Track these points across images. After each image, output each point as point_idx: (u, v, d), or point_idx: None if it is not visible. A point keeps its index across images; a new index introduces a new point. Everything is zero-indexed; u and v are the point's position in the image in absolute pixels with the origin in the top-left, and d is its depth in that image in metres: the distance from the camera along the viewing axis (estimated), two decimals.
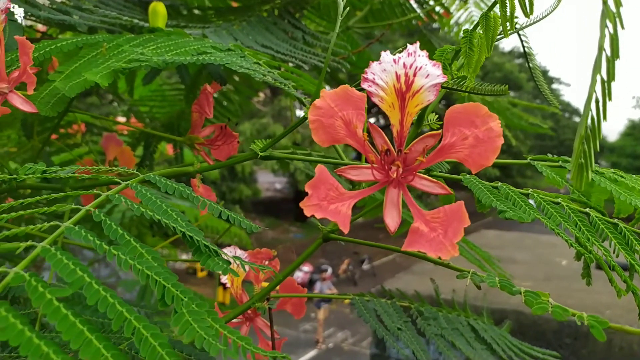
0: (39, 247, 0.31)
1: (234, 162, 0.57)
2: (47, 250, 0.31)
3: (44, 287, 0.28)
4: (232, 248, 0.64)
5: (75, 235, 0.33)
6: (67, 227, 0.33)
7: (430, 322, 0.75)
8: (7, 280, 0.28)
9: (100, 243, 0.33)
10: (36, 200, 0.39)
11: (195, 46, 0.59)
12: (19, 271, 0.29)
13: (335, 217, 0.34)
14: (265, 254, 0.66)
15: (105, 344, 0.27)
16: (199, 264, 0.39)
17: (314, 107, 0.36)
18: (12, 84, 0.50)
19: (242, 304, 0.61)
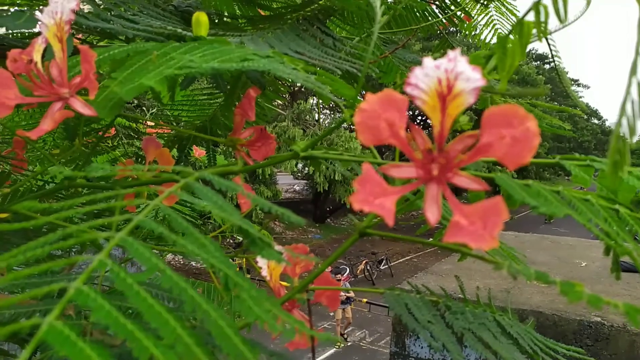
0: (117, 237, 0.35)
1: (275, 162, 0.60)
2: (125, 239, 0.34)
3: (124, 272, 0.32)
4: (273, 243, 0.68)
5: (148, 225, 0.36)
6: (140, 220, 0.36)
7: (458, 316, 0.78)
8: (93, 266, 0.32)
9: (170, 234, 0.36)
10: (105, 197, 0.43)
11: (238, 53, 0.63)
12: (102, 258, 0.33)
13: (380, 211, 0.37)
14: (301, 249, 0.69)
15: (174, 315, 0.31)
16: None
17: (360, 110, 0.39)
18: (73, 89, 0.54)
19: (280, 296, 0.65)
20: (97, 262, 0.32)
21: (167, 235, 0.35)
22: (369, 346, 8.78)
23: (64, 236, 0.33)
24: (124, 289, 0.30)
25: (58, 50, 0.53)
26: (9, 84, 0.52)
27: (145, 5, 1.06)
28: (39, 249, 0.32)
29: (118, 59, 0.63)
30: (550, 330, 2.79)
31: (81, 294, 0.29)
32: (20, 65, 0.54)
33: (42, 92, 0.54)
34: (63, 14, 0.51)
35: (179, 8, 1.11)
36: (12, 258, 0.32)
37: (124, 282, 0.31)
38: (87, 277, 0.30)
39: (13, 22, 0.71)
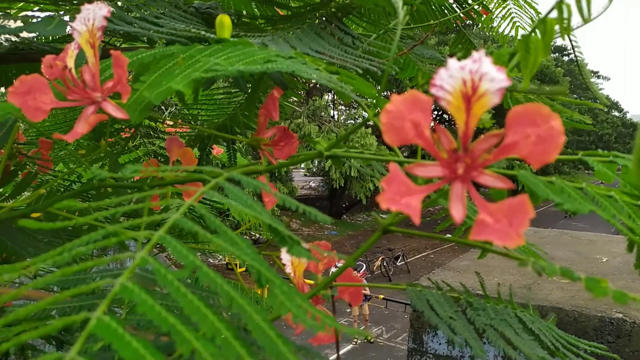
0: (156, 235, 0.36)
1: (299, 161, 0.61)
2: (164, 237, 0.36)
3: (165, 269, 0.34)
4: None
5: (184, 224, 0.38)
6: (177, 218, 0.38)
7: (479, 312, 0.78)
8: (136, 263, 0.34)
9: (204, 232, 0.38)
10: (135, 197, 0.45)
11: (262, 55, 0.64)
12: (144, 255, 0.34)
13: (407, 209, 0.38)
14: (323, 246, 0.70)
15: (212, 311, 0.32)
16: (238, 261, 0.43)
17: (385, 111, 0.40)
18: (105, 93, 0.56)
19: (305, 293, 0.66)
20: (140, 259, 0.33)
21: (202, 234, 0.37)
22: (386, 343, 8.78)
23: (106, 234, 0.35)
24: (165, 285, 0.32)
25: (91, 56, 0.55)
26: (44, 89, 0.54)
27: (167, 7, 1.08)
28: (83, 247, 0.33)
29: (145, 62, 0.65)
30: (571, 327, 2.76)
31: (126, 289, 0.31)
32: (55, 71, 0.56)
33: (75, 96, 0.56)
34: (95, 20, 0.53)
35: (199, 10, 1.13)
36: (58, 256, 0.34)
37: (165, 278, 0.32)
38: (130, 274, 0.32)
39: (44, 28, 0.74)
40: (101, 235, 0.35)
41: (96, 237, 0.35)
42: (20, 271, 0.34)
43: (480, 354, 0.66)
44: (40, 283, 0.31)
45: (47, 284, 0.31)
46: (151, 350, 0.28)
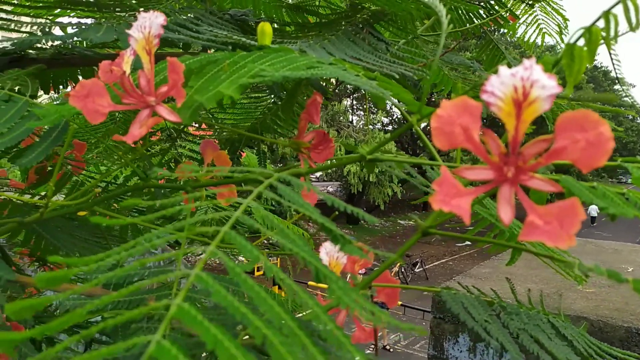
0: (222, 231, 0.39)
1: (340, 164, 0.63)
2: (230, 233, 0.38)
3: (233, 262, 0.36)
4: (328, 243, 0.71)
5: (246, 222, 0.40)
6: (239, 216, 0.40)
7: (513, 317, 0.79)
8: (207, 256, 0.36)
9: (266, 230, 0.40)
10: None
11: (304, 62, 0.66)
12: (213, 249, 0.36)
13: (458, 210, 0.40)
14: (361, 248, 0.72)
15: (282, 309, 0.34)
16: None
17: (436, 116, 0.42)
18: (159, 97, 0.59)
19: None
20: (209, 253, 0.36)
21: (264, 232, 0.39)
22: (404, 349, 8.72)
23: (176, 230, 0.37)
24: (235, 277, 0.34)
25: (146, 62, 0.58)
26: (102, 92, 0.57)
27: (204, 14, 1.12)
28: (154, 241, 0.36)
29: (192, 68, 0.68)
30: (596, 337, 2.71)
31: (201, 279, 0.33)
32: (112, 75, 0.59)
33: (131, 100, 0.59)
34: (152, 28, 0.56)
35: (234, 17, 1.17)
36: (132, 249, 0.37)
37: (234, 270, 0.35)
38: (203, 266, 0.34)
39: (95, 34, 0.78)
40: (171, 231, 0.37)
41: (165, 232, 0.37)
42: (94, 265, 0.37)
43: (517, 357, 0.66)
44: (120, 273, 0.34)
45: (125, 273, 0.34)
46: (227, 336, 0.30)
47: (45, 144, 0.69)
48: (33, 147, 0.68)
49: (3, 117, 0.69)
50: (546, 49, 3.12)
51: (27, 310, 0.36)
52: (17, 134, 0.68)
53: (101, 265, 0.36)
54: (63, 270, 0.36)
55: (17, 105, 0.71)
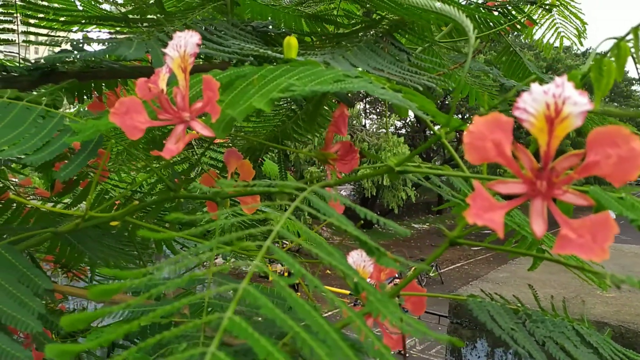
0: (265, 245, 0.40)
1: (367, 176, 0.65)
2: (273, 247, 0.40)
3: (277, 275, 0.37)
4: (359, 251, 0.72)
5: (288, 236, 0.42)
6: (281, 230, 0.42)
7: (538, 324, 0.79)
8: (252, 269, 0.37)
9: (306, 244, 0.42)
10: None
11: (331, 75, 0.68)
12: (258, 262, 0.38)
13: (491, 224, 0.41)
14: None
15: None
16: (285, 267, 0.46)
17: (468, 132, 0.43)
18: (194, 113, 0.61)
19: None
20: (254, 266, 0.37)
21: (304, 246, 0.41)
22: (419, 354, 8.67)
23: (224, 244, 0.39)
24: (279, 291, 0.36)
25: (182, 79, 0.60)
26: (139, 109, 0.60)
27: (227, 27, 1.14)
28: (208, 253, 0.38)
29: (223, 82, 0.70)
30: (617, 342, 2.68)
31: (249, 293, 0.35)
32: (147, 92, 0.61)
33: (166, 115, 0.61)
34: (187, 47, 0.58)
35: (256, 28, 1.19)
36: (179, 262, 0.38)
37: (279, 284, 0.36)
38: (249, 278, 0.36)
39: (128, 50, 0.80)
40: (219, 244, 0.39)
41: (211, 245, 0.39)
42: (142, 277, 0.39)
43: None
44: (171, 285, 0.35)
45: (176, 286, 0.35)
46: (276, 347, 0.31)
47: (82, 157, 0.72)
48: (71, 160, 0.71)
49: (41, 132, 0.71)
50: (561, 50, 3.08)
51: (81, 323, 0.38)
52: (54, 148, 0.70)
53: (152, 279, 0.38)
54: (116, 283, 0.38)
55: (53, 121, 0.74)
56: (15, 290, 0.70)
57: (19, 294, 0.69)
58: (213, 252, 0.37)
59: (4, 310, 0.66)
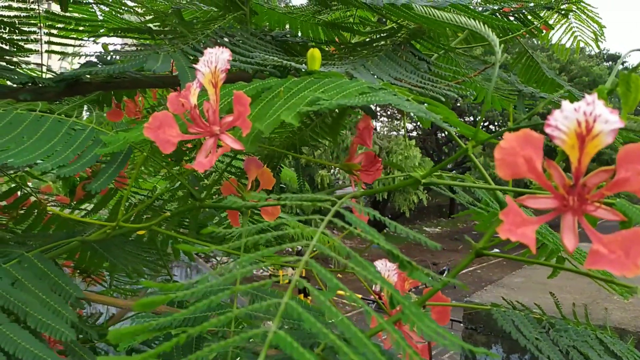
0: (303, 260, 0.41)
1: (393, 188, 0.66)
2: (310, 261, 0.41)
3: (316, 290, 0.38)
4: (384, 261, 0.73)
5: (323, 250, 0.43)
6: (317, 245, 0.43)
7: (562, 334, 0.80)
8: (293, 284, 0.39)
9: (339, 257, 0.43)
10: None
11: (356, 87, 0.69)
12: (298, 278, 0.39)
13: (523, 239, 0.41)
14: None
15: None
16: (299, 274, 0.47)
17: (499, 148, 0.44)
18: (223, 127, 0.62)
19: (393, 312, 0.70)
20: (295, 281, 0.38)
21: (337, 259, 0.42)
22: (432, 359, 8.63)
23: (257, 259, 0.40)
24: (319, 304, 0.37)
25: (212, 94, 0.61)
26: (171, 123, 0.61)
27: (248, 37, 1.16)
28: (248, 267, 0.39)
29: (250, 95, 0.72)
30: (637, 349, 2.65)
31: (292, 308, 0.36)
32: (179, 106, 0.63)
33: (197, 129, 0.62)
34: (218, 63, 0.60)
35: (276, 38, 1.21)
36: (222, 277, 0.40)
37: (319, 298, 0.37)
38: (290, 293, 0.37)
39: (155, 64, 0.82)
40: (257, 259, 0.40)
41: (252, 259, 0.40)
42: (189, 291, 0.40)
43: None
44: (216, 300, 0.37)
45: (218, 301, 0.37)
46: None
47: (113, 168, 0.74)
48: (103, 171, 0.73)
49: (73, 145, 0.73)
50: (573, 52, 3.07)
51: (129, 336, 0.39)
52: (86, 160, 0.72)
53: (195, 292, 0.39)
54: (161, 296, 0.39)
55: (84, 133, 0.76)
56: (49, 299, 0.72)
57: (52, 303, 0.71)
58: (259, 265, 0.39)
59: (39, 318, 0.68)
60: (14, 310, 0.69)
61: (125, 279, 1.91)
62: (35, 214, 1.64)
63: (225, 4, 1.38)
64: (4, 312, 0.69)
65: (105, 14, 1.57)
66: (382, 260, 0.74)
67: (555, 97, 1.18)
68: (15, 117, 0.76)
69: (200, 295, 0.39)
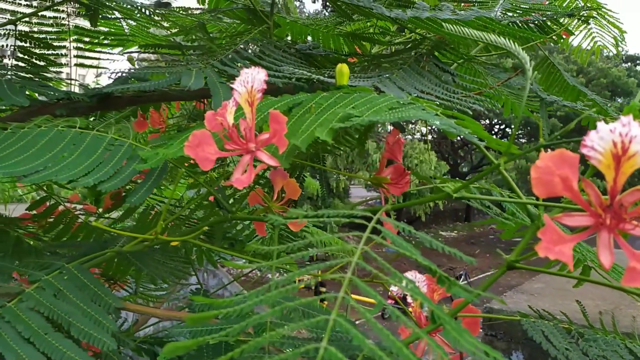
0: (347, 277, 0.43)
1: (424, 201, 0.67)
2: (353, 278, 0.43)
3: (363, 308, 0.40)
4: (413, 273, 0.75)
5: (365, 266, 0.44)
6: (357, 261, 0.45)
7: (591, 344, 0.80)
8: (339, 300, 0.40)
9: (378, 273, 0.44)
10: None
11: (386, 103, 0.71)
12: (345, 294, 0.41)
13: (561, 257, 0.43)
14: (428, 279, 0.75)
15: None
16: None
17: (535, 167, 0.45)
18: (259, 144, 0.65)
19: (421, 320, 0.72)
20: (341, 298, 0.40)
21: (376, 274, 0.43)
22: None
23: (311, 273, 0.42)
24: (368, 320, 0.39)
25: (248, 112, 0.64)
26: (209, 141, 0.64)
27: (272, 49, 1.18)
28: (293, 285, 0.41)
29: (281, 111, 0.74)
30: None
31: (341, 324, 0.37)
32: (216, 124, 0.65)
33: (233, 146, 0.65)
34: (254, 83, 0.62)
35: (301, 50, 1.23)
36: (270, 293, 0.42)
37: (365, 316, 0.39)
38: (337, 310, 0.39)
39: (190, 80, 0.85)
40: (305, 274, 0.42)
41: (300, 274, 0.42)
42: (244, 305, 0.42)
43: None
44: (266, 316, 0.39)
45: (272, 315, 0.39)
46: None
47: (150, 182, 0.77)
48: (140, 185, 0.76)
49: (112, 160, 0.76)
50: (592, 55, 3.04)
51: (182, 349, 0.41)
52: (124, 175, 0.75)
53: (244, 308, 0.41)
54: (212, 311, 0.41)
55: (123, 148, 0.79)
56: (90, 309, 0.75)
57: (93, 313, 0.74)
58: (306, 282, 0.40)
59: (82, 328, 0.71)
60: (57, 320, 0.72)
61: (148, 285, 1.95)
62: (64, 222, 1.69)
63: (248, 16, 1.41)
64: (48, 321, 0.72)
65: (132, 28, 1.61)
66: (412, 272, 0.75)
67: (579, 106, 1.18)
68: (56, 134, 0.79)
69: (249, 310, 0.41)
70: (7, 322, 0.69)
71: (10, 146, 0.76)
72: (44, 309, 0.72)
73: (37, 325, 0.70)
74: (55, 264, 0.81)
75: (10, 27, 1.23)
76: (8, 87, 0.99)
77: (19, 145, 0.76)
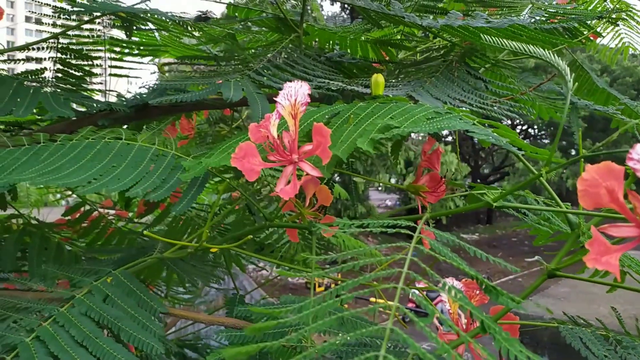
0: (399, 288, 0.45)
1: (466, 209, 0.68)
2: (405, 289, 0.44)
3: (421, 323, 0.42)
4: (450, 279, 0.76)
5: (416, 277, 0.46)
6: (408, 272, 0.46)
7: (630, 351, 0.80)
8: (392, 313, 0.42)
9: (419, 277, 0.46)
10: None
11: (423, 113, 0.72)
12: (397, 304, 0.42)
13: (608, 267, 0.44)
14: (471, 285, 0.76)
15: None
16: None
17: (582, 180, 0.46)
18: (302, 155, 0.67)
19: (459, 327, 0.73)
20: (395, 308, 0.42)
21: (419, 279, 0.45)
22: None
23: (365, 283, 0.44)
24: (425, 332, 0.40)
25: (292, 125, 0.66)
26: (254, 152, 0.66)
27: (302, 57, 1.21)
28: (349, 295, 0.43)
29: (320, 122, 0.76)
30: None
31: (397, 333, 0.39)
32: (260, 136, 0.68)
33: (277, 157, 0.67)
34: (298, 96, 0.64)
35: (330, 59, 1.25)
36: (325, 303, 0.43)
37: (424, 329, 0.41)
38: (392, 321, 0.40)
39: (229, 92, 0.88)
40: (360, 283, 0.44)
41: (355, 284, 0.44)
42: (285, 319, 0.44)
43: None
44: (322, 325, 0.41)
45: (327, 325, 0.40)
46: None
47: (193, 191, 0.79)
48: (184, 194, 0.78)
49: (157, 171, 0.79)
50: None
51: (243, 354, 0.43)
52: (170, 185, 0.78)
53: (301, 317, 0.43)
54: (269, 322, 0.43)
55: (167, 159, 0.82)
56: (137, 314, 0.78)
57: (140, 318, 0.77)
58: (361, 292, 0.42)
59: (130, 332, 0.74)
60: (107, 325, 0.75)
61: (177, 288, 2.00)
62: (99, 227, 1.74)
63: (277, 25, 1.44)
64: (99, 326, 0.75)
65: (164, 38, 1.65)
66: (450, 279, 0.76)
67: (611, 110, 1.17)
68: (104, 145, 0.82)
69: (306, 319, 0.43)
70: (62, 327, 0.72)
71: (61, 157, 0.80)
72: (95, 314, 0.75)
73: (88, 329, 0.73)
74: (102, 270, 0.85)
75: (52, 41, 1.28)
76: (54, 99, 1.03)
77: (70, 156, 0.80)
